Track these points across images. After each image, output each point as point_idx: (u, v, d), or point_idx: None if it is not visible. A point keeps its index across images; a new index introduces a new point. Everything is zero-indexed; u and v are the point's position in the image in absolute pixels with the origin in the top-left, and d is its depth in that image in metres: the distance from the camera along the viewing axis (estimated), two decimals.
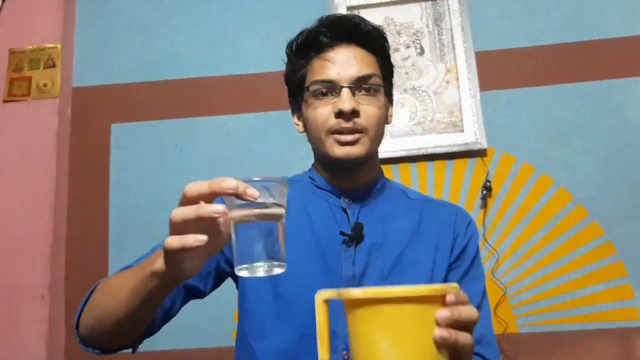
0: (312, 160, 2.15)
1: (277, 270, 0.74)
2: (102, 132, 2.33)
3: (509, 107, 2.18)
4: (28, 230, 2.17)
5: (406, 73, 2.25)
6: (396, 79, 2.22)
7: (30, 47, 2.34)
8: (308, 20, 1.18)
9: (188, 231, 0.71)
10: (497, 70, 2.22)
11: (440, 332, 0.65)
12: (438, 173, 2.15)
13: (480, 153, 2.15)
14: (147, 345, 1.06)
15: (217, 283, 1.15)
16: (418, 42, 2.28)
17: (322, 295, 0.75)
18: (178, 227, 0.71)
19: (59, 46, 2.34)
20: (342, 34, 1.12)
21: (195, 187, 0.71)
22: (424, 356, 0.66)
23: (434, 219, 1.16)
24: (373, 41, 1.14)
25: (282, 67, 2.26)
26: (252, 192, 0.70)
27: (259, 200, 0.71)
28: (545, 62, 2.21)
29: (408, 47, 2.28)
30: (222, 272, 1.14)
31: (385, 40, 1.17)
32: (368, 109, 1.09)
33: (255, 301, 1.10)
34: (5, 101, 2.29)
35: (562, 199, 2.09)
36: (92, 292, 1.00)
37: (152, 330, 1.04)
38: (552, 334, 1.99)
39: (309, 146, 2.17)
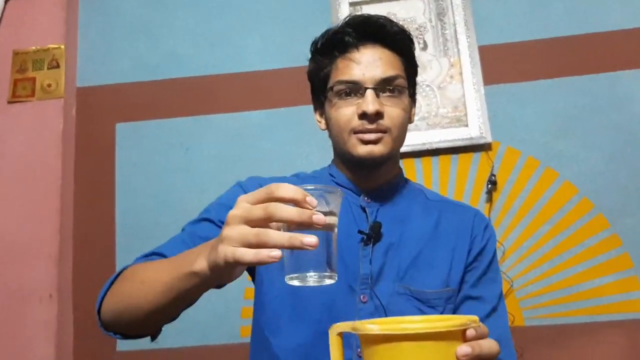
0: (316, 157, 2.16)
1: (328, 281, 0.72)
2: (107, 132, 2.34)
3: (513, 101, 2.18)
4: (34, 231, 2.18)
5: None
6: None
7: (33, 47, 2.35)
8: (309, 17, 1.19)
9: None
10: (501, 64, 2.22)
11: None
12: (443, 168, 2.15)
13: (485, 147, 2.15)
14: (154, 343, 1.06)
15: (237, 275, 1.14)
16: (421, 37, 2.28)
17: (336, 328, 0.74)
18: (243, 239, 0.69)
19: (62, 46, 2.34)
20: (367, 34, 1.12)
21: (254, 196, 0.70)
22: None
23: (452, 220, 1.16)
24: (399, 42, 1.14)
25: (285, 64, 2.30)
26: (311, 200, 0.69)
27: (316, 208, 0.69)
28: (549, 56, 2.21)
29: None
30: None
31: (411, 41, 1.17)
32: (392, 110, 1.09)
33: (272, 296, 1.10)
34: (9, 102, 2.29)
35: (567, 192, 2.09)
36: (116, 276, 0.99)
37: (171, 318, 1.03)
38: (558, 326, 2.00)
39: (314, 143, 2.19)
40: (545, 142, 2.14)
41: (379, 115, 1.07)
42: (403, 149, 2.10)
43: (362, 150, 1.09)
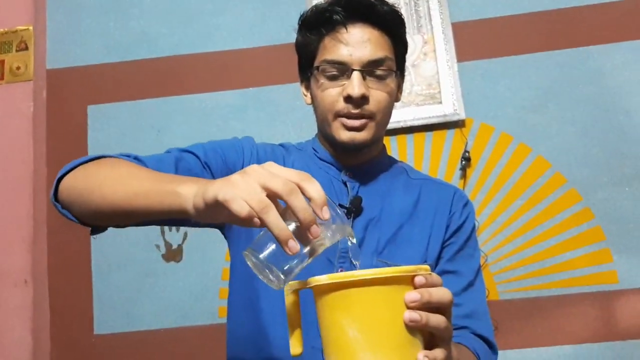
0: (292, 137, 2.16)
1: (274, 285, 0.70)
2: (79, 114, 2.30)
3: (486, 77, 2.19)
4: (7, 216, 2.16)
5: None
6: None
7: (1, 30, 2.30)
8: None
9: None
10: (473, 40, 2.22)
11: (409, 315, 0.64)
12: (418, 145, 2.16)
13: (458, 124, 2.15)
14: (132, 325, 1.06)
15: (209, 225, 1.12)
16: None
17: (290, 286, 0.74)
18: (249, 197, 0.65)
19: (30, 28, 2.30)
20: (357, 13, 1.09)
21: (286, 172, 0.68)
22: (396, 341, 0.64)
23: (431, 198, 1.17)
24: (389, 22, 1.10)
25: (257, 44, 2.28)
26: (325, 212, 0.67)
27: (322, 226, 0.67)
28: (522, 31, 2.21)
29: None
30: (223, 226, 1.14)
31: (402, 21, 1.14)
32: (378, 94, 1.07)
33: (247, 274, 1.09)
34: None
35: (540, 167, 2.11)
36: (94, 158, 0.94)
37: None
38: (533, 299, 2.03)
39: (290, 122, 2.18)
40: (519, 117, 2.15)
41: (364, 99, 1.06)
42: None
43: (345, 136, 1.08)
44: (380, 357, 0.63)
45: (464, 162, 2.10)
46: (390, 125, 2.12)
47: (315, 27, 1.13)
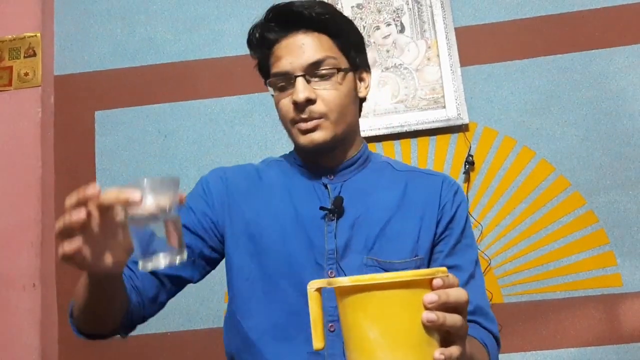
0: None
1: (173, 260, 0.78)
2: (87, 120, 2.33)
3: (489, 82, 2.20)
4: (16, 220, 2.18)
5: (387, 51, 2.26)
6: (377, 57, 2.25)
7: (9, 36, 2.33)
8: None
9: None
10: (477, 45, 2.23)
11: (427, 315, 0.66)
12: (421, 149, 2.17)
13: (462, 128, 2.17)
14: (138, 329, 1.08)
15: (206, 270, 1.19)
16: (398, 19, 2.28)
17: (314, 285, 0.77)
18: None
19: (38, 34, 2.32)
20: (288, 24, 1.12)
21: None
22: (414, 341, 0.67)
23: (419, 189, 1.16)
24: (324, 22, 1.12)
25: None
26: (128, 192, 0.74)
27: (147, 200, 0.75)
28: (525, 35, 2.23)
29: (389, 24, 2.29)
30: (209, 258, 1.17)
31: (336, 16, 1.15)
32: (325, 93, 1.09)
33: (242, 279, 1.12)
34: None
35: (544, 171, 2.12)
36: None
37: (142, 317, 1.08)
38: (537, 302, 2.03)
39: None
40: (522, 121, 2.16)
41: (309, 102, 1.08)
42: (382, 132, 2.16)
43: (303, 140, 1.10)
44: (399, 356, 0.67)
45: (467, 166, 2.12)
46: (395, 129, 2.16)
47: (258, 47, 1.17)
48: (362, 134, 2.06)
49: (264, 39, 1.14)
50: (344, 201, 1.12)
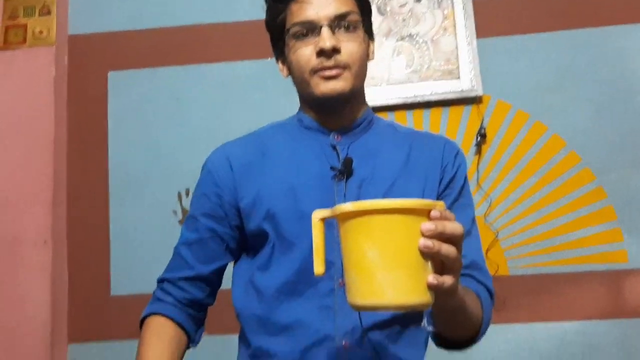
0: None
1: None
2: (100, 80, 2.33)
3: (505, 55, 2.19)
4: (28, 179, 2.20)
5: (403, 20, 2.24)
6: (393, 26, 2.24)
7: None
8: None
9: None
10: (494, 17, 2.21)
11: (424, 241, 0.70)
12: (434, 120, 2.17)
13: (475, 100, 2.16)
14: (147, 287, 1.13)
15: (238, 252, 1.24)
16: None
17: (318, 214, 0.81)
18: None
19: None
20: None
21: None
22: (410, 263, 0.71)
23: (422, 150, 1.19)
24: None
25: None
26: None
27: None
28: (543, 9, 2.20)
29: None
30: (238, 238, 1.22)
31: None
32: (349, 45, 1.10)
33: (257, 240, 1.16)
34: (1, 49, 2.28)
35: (555, 146, 2.12)
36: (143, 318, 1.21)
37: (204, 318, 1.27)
38: (542, 275, 2.05)
39: None
40: (536, 95, 2.15)
41: (336, 50, 1.08)
42: (394, 101, 2.15)
43: (325, 87, 1.10)
44: (394, 275, 0.71)
45: (479, 139, 2.12)
46: (408, 100, 2.16)
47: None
48: (375, 103, 2.06)
49: None
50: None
